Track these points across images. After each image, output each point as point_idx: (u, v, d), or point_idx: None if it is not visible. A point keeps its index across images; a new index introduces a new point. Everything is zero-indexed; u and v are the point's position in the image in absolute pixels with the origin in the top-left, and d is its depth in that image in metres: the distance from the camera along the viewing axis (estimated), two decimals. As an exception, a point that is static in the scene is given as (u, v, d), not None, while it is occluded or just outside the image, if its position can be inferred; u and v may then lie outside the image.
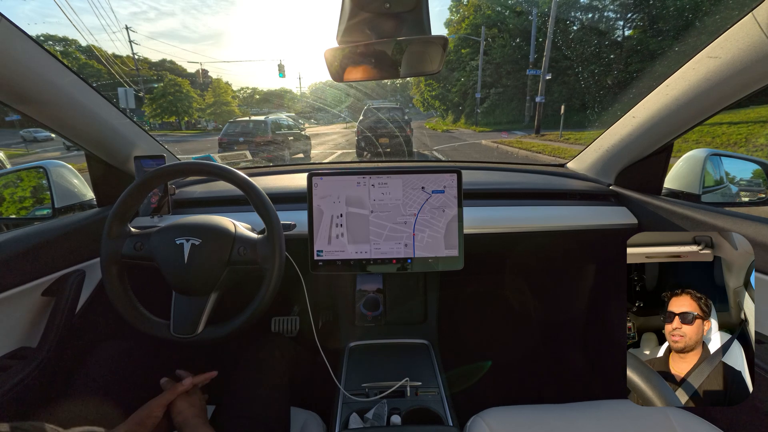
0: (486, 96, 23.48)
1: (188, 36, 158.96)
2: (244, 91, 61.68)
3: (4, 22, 0.66)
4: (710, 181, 1.12)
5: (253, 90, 61.87)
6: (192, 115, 32.67)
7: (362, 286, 1.27)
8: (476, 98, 23.22)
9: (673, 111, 0.89)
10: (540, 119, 14.93)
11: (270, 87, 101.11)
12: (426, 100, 32.48)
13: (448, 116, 29.25)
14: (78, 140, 0.96)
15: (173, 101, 30.37)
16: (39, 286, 0.84)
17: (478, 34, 22.61)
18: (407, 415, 0.90)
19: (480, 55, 22.54)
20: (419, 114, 38.27)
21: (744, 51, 0.68)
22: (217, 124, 35.60)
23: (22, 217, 1.17)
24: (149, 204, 1.08)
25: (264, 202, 0.77)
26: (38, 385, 0.78)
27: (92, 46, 37.82)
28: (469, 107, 25.34)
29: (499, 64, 23.23)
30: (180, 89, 30.88)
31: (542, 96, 14.79)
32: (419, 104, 35.95)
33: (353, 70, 0.71)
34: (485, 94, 23.32)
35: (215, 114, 34.75)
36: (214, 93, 35.26)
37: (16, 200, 1.18)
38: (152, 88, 31.81)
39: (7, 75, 0.72)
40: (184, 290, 0.77)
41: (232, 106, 36.16)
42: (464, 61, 25.82)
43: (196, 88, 35.41)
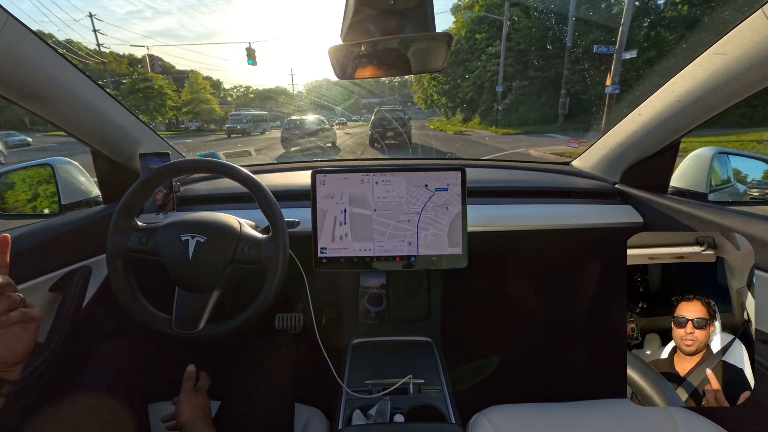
0: (507, 90, 18.94)
1: (185, 35, 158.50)
2: (237, 89, 60.70)
3: (11, 20, 0.66)
4: (717, 180, 1.11)
5: (247, 88, 60.53)
6: (166, 114, 28.80)
7: (365, 283, 1.28)
8: (496, 92, 18.49)
9: (680, 108, 0.88)
10: (608, 118, 10.00)
11: (266, 85, 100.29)
12: (429, 96, 28.29)
13: (457, 114, 24.98)
14: (84, 137, 0.97)
15: (143, 98, 26.25)
16: (46, 281, 0.85)
17: (496, 15, 18.28)
18: (410, 412, 0.90)
19: (503, 37, 17.75)
20: (419, 113, 35.28)
21: (753, 47, 0.67)
22: (202, 123, 33.40)
23: (30, 213, 1.18)
24: (154, 201, 1.09)
25: (268, 200, 0.78)
26: (45, 380, 0.79)
27: (46, 33, 32.74)
28: (485, 104, 20.79)
29: (523, 51, 18.76)
30: (151, 85, 26.59)
31: (616, 85, 9.86)
32: (421, 102, 31.59)
33: (357, 68, 0.71)
34: (506, 88, 18.82)
35: (193, 113, 31.97)
36: (191, 89, 31.77)
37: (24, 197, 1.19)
38: (120, 84, 28.05)
39: (15, 73, 0.72)
40: (187, 286, 0.77)
41: (212, 104, 33.00)
42: (478, 49, 20.88)
43: (176, 83, 31.44)
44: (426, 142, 14.14)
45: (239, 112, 25.36)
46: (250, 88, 60.97)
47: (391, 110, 13.05)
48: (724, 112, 0.83)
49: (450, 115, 26.62)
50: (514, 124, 18.07)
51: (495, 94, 18.97)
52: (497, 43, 18.99)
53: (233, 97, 58.71)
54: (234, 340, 0.88)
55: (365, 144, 12.44)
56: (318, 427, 0.87)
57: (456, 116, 25.09)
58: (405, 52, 0.68)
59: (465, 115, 23.69)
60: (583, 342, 1.45)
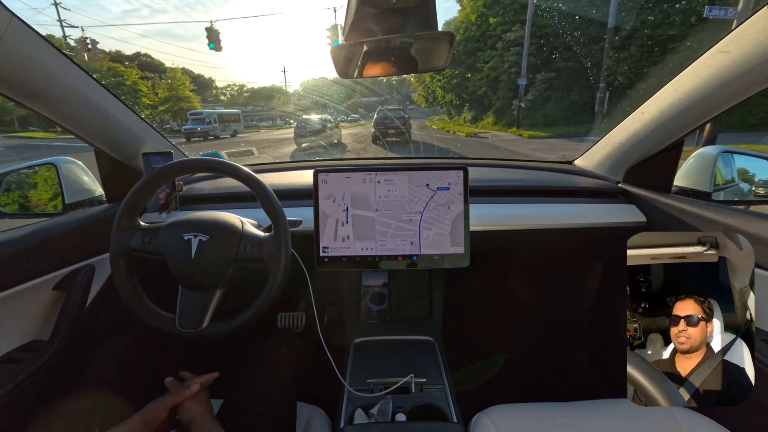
0: (529, 84, 15.48)
1: (182, 34, 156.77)
2: (231, 87, 59.79)
3: (15, 20, 0.66)
4: (721, 179, 1.10)
5: (241, 87, 59.42)
6: (139, 113, 25.67)
7: (367, 282, 1.28)
8: (517, 86, 14.73)
9: (684, 107, 0.88)
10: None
11: (262, 84, 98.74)
12: (431, 93, 25.04)
13: (464, 113, 21.54)
14: (87, 137, 0.97)
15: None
16: (50, 280, 0.86)
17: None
18: (412, 411, 0.90)
19: (528, 17, 13.87)
20: (418, 111, 33.47)
21: (758, 46, 0.67)
22: (180, 123, 28.29)
23: (34, 212, 1.19)
24: (157, 200, 1.09)
25: (270, 199, 0.78)
26: (49, 377, 0.80)
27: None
28: (502, 100, 17.04)
29: (549, 36, 14.95)
30: (123, 81, 23.64)
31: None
32: (421, 100, 28.42)
33: (360, 67, 0.71)
34: (528, 82, 15.32)
35: (171, 111, 28.28)
36: (169, 86, 28.34)
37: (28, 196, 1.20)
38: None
39: (19, 73, 0.72)
40: (190, 285, 0.78)
41: (193, 102, 28.92)
42: (493, 36, 17.14)
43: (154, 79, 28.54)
44: (430, 144, 12.99)
45: (200, 111, 21.93)
46: (244, 87, 59.45)
47: (392, 110, 14.26)
48: (727, 110, 0.83)
49: (453, 114, 24.00)
50: (539, 124, 15.06)
51: (514, 89, 15.38)
52: (517, 27, 15.63)
53: (227, 96, 57.56)
54: (236, 339, 0.88)
55: (366, 142, 13.18)
56: (320, 425, 0.87)
57: (462, 115, 22.00)
58: (408, 51, 0.68)
59: (474, 113, 20.31)
60: (585, 342, 1.44)
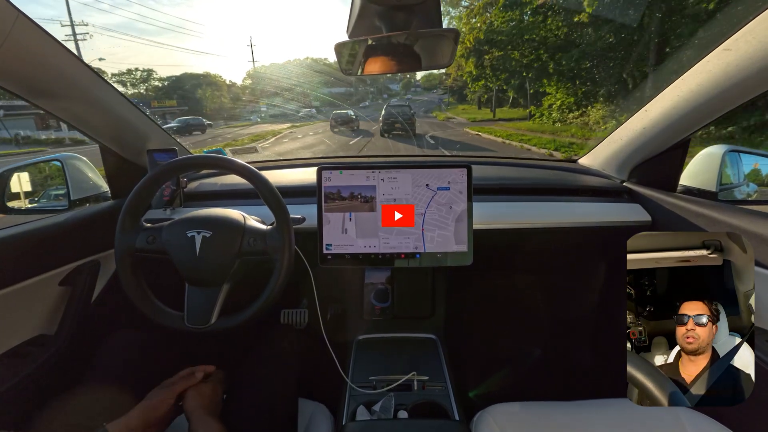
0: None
1: (146, 28, 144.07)
2: (132, 73, 40.03)
3: (22, 18, 0.67)
4: (728, 179, 1.09)
5: (149, 73, 40.95)
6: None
7: (370, 279, 1.28)
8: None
9: (689, 106, 0.87)
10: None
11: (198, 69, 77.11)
12: (480, 74, 15.65)
13: (503, 106, 15.11)
14: (93, 133, 0.98)
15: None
16: (56, 276, 0.87)
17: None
18: (414, 408, 0.91)
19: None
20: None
21: (764, 45, 0.66)
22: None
23: (40, 208, 1.20)
24: (162, 197, 1.10)
25: (273, 195, 0.78)
26: (55, 371, 0.81)
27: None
28: (610, 87, 10.49)
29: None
30: None
31: None
32: (467, 83, 17.86)
33: (363, 63, 0.71)
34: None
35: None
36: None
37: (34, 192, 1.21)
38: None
39: (25, 70, 0.73)
40: (196, 282, 0.78)
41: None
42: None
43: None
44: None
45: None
46: (153, 73, 40.28)
47: (397, 105, 15.02)
48: (732, 110, 0.82)
49: (480, 104, 17.37)
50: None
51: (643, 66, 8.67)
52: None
53: (126, 84, 38.83)
54: (240, 335, 0.89)
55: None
56: (322, 422, 0.87)
57: (505, 105, 15.59)
58: (411, 48, 0.68)
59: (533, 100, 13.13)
60: (589, 341, 1.44)
